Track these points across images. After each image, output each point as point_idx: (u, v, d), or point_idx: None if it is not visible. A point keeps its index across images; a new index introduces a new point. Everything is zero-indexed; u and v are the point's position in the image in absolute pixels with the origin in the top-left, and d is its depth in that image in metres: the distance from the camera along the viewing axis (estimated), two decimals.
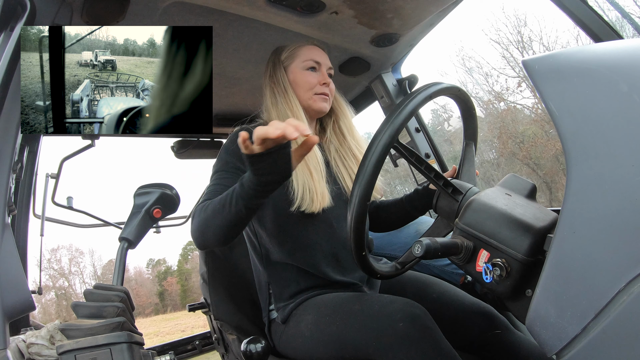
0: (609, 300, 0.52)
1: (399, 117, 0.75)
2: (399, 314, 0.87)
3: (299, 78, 1.19)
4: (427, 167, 0.85)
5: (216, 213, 0.91)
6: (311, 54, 1.20)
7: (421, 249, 0.70)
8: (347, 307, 0.97)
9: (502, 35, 13.36)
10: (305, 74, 1.18)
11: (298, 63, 1.20)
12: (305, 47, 1.22)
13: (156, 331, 13.35)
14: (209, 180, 1.09)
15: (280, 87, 1.18)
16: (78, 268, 22.64)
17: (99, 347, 0.85)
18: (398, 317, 0.87)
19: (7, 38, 0.94)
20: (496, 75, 14.34)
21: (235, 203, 0.88)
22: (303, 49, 1.21)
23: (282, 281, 1.12)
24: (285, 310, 1.09)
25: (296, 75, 1.19)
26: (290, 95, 1.17)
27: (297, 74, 1.19)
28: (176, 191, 1.85)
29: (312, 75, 1.19)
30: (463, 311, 1.09)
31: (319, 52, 1.22)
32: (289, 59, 1.21)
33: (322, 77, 1.20)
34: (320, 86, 1.19)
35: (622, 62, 0.57)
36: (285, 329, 1.09)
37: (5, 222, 0.86)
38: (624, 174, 0.52)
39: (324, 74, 1.20)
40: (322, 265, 1.10)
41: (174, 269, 24.74)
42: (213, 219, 0.92)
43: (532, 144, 12.54)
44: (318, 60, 1.20)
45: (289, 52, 1.22)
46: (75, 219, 2.32)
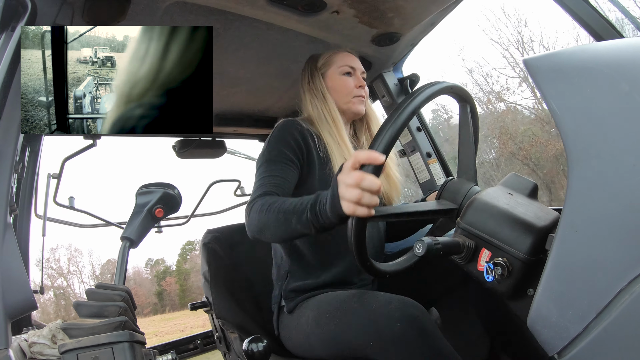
0: (611, 300, 0.52)
1: (399, 118, 0.75)
2: (397, 313, 0.88)
3: (337, 83, 1.27)
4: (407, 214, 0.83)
5: (280, 223, 0.92)
6: (346, 60, 1.29)
7: (423, 248, 0.70)
8: (346, 305, 0.99)
9: (502, 35, 13.37)
10: (342, 79, 1.27)
11: (335, 69, 1.28)
12: (341, 54, 1.30)
13: (155, 331, 13.36)
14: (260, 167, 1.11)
15: (319, 93, 1.26)
16: (77, 268, 22.69)
17: (100, 346, 0.84)
18: (395, 317, 0.87)
19: (8, 38, 0.93)
20: (496, 76, 14.34)
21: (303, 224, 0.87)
22: (338, 56, 1.29)
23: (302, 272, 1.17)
24: (292, 302, 1.14)
25: (334, 80, 1.27)
26: (328, 101, 1.25)
27: (335, 79, 1.27)
28: (178, 191, 1.85)
29: (349, 80, 1.27)
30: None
31: (353, 58, 1.31)
32: (325, 66, 1.29)
33: (357, 80, 1.28)
34: (357, 89, 1.26)
35: (623, 61, 0.57)
36: (289, 322, 1.14)
37: (7, 222, 0.86)
38: (626, 173, 0.52)
39: (359, 78, 1.28)
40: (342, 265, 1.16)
41: (173, 268, 24.79)
42: (276, 227, 0.93)
43: (531, 144, 12.54)
44: (353, 65, 1.29)
45: (325, 59, 1.30)
46: (76, 219, 2.32)
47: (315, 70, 1.29)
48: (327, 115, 1.22)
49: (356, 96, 1.26)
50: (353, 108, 1.26)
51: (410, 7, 1.40)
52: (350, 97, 1.26)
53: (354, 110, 1.27)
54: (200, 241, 1.48)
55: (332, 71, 1.28)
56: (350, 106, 1.26)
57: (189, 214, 2.67)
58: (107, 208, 7.02)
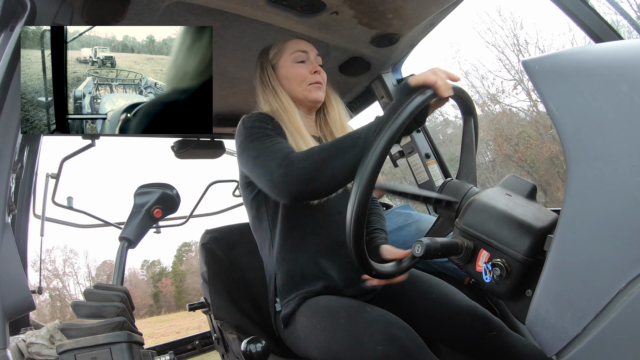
0: (609, 301, 0.52)
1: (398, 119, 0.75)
2: (379, 335, 0.87)
3: (290, 72, 1.20)
4: (412, 196, 0.85)
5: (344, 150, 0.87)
6: (297, 46, 1.22)
7: (421, 249, 0.70)
8: (335, 318, 0.98)
9: (497, 38, 13.43)
10: (295, 67, 1.20)
11: (286, 57, 1.21)
12: (290, 41, 1.24)
13: (151, 333, 13.30)
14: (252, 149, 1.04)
15: (269, 86, 1.20)
16: (72, 269, 22.61)
17: (98, 347, 0.84)
18: (378, 339, 0.87)
19: (7, 38, 0.93)
20: (492, 78, 14.39)
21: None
22: (288, 43, 1.23)
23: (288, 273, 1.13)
24: (288, 307, 1.11)
25: (287, 70, 1.20)
26: (279, 93, 1.18)
27: (287, 68, 1.20)
28: (177, 191, 1.84)
29: (302, 67, 1.20)
30: (460, 313, 1.09)
31: (304, 43, 1.24)
32: (276, 56, 1.23)
33: (312, 66, 1.21)
34: (312, 75, 1.20)
35: (622, 63, 0.58)
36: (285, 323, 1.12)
37: (5, 222, 0.86)
38: (624, 174, 0.52)
39: (313, 63, 1.22)
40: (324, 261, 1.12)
41: (169, 270, 24.75)
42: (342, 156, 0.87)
43: (527, 146, 12.59)
44: (305, 49, 1.22)
45: (276, 50, 1.24)
46: (75, 219, 2.32)
47: (265, 63, 1.23)
48: (281, 108, 1.16)
49: (311, 83, 1.19)
50: (310, 96, 1.19)
51: (410, 8, 1.40)
52: (306, 84, 1.19)
53: (311, 99, 1.19)
54: (199, 241, 1.48)
55: (284, 60, 1.21)
56: (306, 94, 1.19)
57: (188, 215, 2.66)
58: (106, 208, 7.00)
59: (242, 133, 1.08)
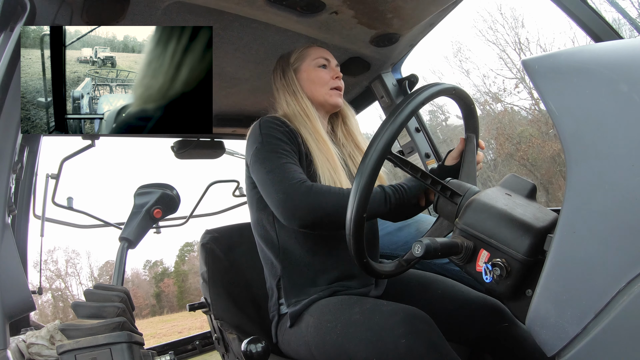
0: (609, 300, 0.52)
1: (397, 119, 0.75)
2: (402, 328, 0.84)
3: (313, 75, 1.24)
4: (422, 174, 0.85)
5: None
6: (319, 52, 1.27)
7: (421, 249, 0.70)
8: (348, 314, 0.95)
9: (499, 36, 13.42)
10: (318, 71, 1.24)
11: (309, 62, 1.25)
12: (313, 48, 1.29)
13: (153, 333, 13.33)
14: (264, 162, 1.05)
15: (291, 90, 1.23)
16: (75, 269, 22.62)
17: (99, 347, 0.84)
18: (400, 332, 0.84)
19: (7, 38, 0.93)
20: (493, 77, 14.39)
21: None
22: (311, 49, 1.27)
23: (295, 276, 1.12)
24: (296, 309, 1.08)
25: (310, 73, 1.25)
26: (302, 96, 1.22)
27: (310, 72, 1.25)
28: (177, 191, 1.85)
29: (324, 72, 1.24)
30: (469, 305, 1.08)
31: (325, 51, 1.29)
32: (298, 60, 1.27)
33: (333, 72, 1.26)
34: (334, 80, 1.24)
35: (622, 62, 0.57)
36: (290, 329, 1.09)
37: (6, 222, 0.86)
38: (624, 173, 0.52)
39: (334, 69, 1.26)
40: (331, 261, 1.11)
41: (171, 270, 24.74)
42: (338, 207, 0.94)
43: (529, 145, 12.58)
44: (327, 57, 1.27)
45: (297, 54, 1.27)
46: (75, 220, 2.32)
47: (286, 67, 1.26)
48: (301, 111, 1.19)
49: (333, 88, 1.23)
50: (330, 100, 1.23)
51: (410, 7, 1.40)
52: (327, 88, 1.23)
53: (332, 103, 1.24)
54: (199, 242, 1.48)
55: (307, 64, 1.25)
56: (327, 98, 1.23)
57: (188, 215, 2.66)
58: (106, 208, 7.01)
59: (258, 139, 1.09)
